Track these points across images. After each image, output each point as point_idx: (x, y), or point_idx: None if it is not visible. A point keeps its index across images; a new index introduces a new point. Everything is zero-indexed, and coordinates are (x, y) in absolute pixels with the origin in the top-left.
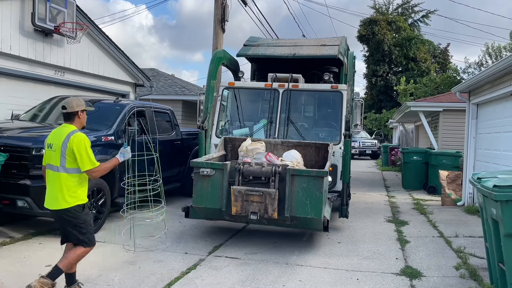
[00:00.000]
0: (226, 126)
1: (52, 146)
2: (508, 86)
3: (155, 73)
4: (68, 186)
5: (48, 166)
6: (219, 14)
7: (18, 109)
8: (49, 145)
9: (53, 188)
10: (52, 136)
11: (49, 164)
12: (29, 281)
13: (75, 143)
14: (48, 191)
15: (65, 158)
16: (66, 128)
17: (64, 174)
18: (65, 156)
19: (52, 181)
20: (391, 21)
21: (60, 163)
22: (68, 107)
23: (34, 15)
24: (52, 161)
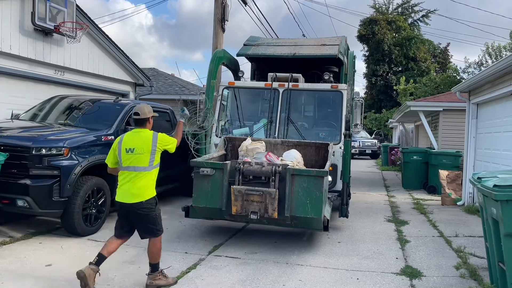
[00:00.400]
0: (226, 126)
1: (134, 150)
2: (508, 86)
3: (155, 72)
4: (152, 182)
5: (130, 168)
6: (219, 13)
7: (18, 109)
8: (130, 150)
9: (134, 187)
10: (131, 141)
11: (131, 166)
12: (30, 281)
13: (163, 141)
14: (126, 189)
15: (154, 158)
16: (144, 132)
17: (151, 172)
18: (154, 156)
19: (133, 180)
20: (391, 21)
21: (149, 163)
22: (141, 114)
23: (34, 14)
24: (136, 163)
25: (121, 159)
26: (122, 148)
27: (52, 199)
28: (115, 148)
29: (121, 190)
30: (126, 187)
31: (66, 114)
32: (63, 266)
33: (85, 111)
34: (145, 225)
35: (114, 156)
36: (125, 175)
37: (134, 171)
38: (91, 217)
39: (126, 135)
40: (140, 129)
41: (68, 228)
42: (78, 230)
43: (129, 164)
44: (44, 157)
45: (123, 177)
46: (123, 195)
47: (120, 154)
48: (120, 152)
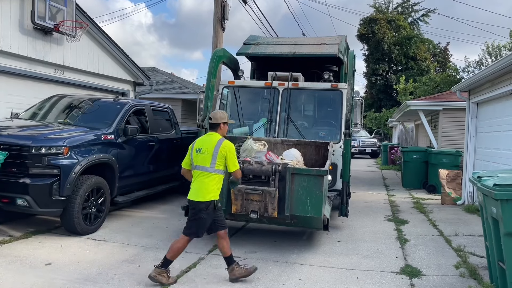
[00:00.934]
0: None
1: (201, 150)
2: (508, 85)
3: (154, 71)
4: (212, 186)
5: (198, 167)
6: (219, 12)
7: (17, 108)
8: (198, 150)
9: (198, 186)
10: (201, 142)
11: (198, 165)
12: (29, 280)
13: (226, 149)
14: (195, 188)
15: (215, 161)
16: (214, 136)
17: (213, 175)
18: (215, 159)
19: (198, 179)
20: (391, 20)
21: (210, 165)
22: (213, 119)
23: (33, 13)
24: (201, 162)
25: (192, 159)
26: (194, 148)
27: (51, 198)
28: (190, 149)
29: (191, 188)
30: (194, 185)
31: (66, 113)
32: (62, 265)
33: (84, 110)
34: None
35: (188, 157)
36: (196, 174)
37: (200, 170)
38: (90, 216)
39: (199, 137)
40: (211, 132)
41: (68, 227)
42: (77, 229)
43: (196, 163)
44: (44, 156)
45: (194, 176)
46: (191, 193)
47: (192, 154)
48: (192, 152)
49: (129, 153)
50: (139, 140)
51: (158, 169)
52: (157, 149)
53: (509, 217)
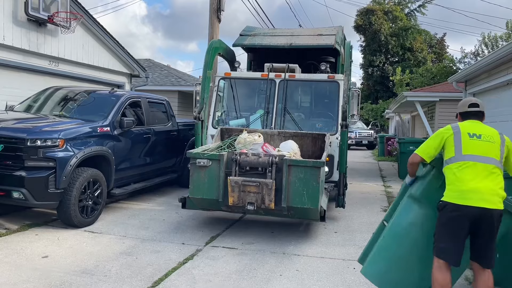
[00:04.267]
0: (223, 117)
1: (481, 136)
2: (504, 75)
3: (150, 63)
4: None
5: (479, 158)
6: (214, 3)
7: (12, 100)
8: (475, 135)
9: (487, 184)
10: (474, 128)
11: (481, 156)
12: (26, 273)
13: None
14: (476, 187)
15: (503, 154)
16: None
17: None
18: (503, 153)
19: (485, 176)
20: (387, 11)
21: (499, 158)
22: (480, 106)
23: (27, 4)
24: (488, 152)
25: (462, 146)
26: (463, 133)
27: (48, 191)
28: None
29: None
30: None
31: (61, 106)
32: (59, 258)
33: (80, 103)
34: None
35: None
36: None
37: (488, 163)
38: (87, 208)
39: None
40: (478, 121)
41: (65, 219)
42: (74, 222)
43: (478, 152)
44: (39, 149)
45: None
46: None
47: (461, 140)
48: (461, 138)
49: (125, 145)
50: (135, 132)
51: (154, 161)
52: (154, 141)
53: None
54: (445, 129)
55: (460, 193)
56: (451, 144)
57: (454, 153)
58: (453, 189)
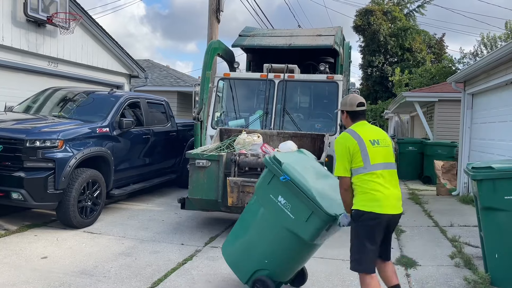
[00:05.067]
0: (222, 117)
1: (379, 141)
2: (503, 75)
3: (149, 64)
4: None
5: (382, 166)
6: (214, 4)
7: (11, 101)
8: (375, 141)
9: (393, 191)
10: (371, 133)
11: (382, 162)
12: (25, 273)
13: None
14: (386, 194)
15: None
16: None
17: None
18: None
19: (390, 181)
20: (386, 11)
21: (394, 160)
22: (365, 104)
23: (26, 5)
24: (387, 158)
25: (368, 155)
26: (365, 140)
27: (47, 192)
28: (354, 146)
29: (387, 197)
30: (391, 191)
31: (60, 106)
32: (59, 258)
33: (79, 103)
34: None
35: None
36: (385, 175)
37: (390, 168)
38: (86, 209)
39: (359, 128)
40: (365, 121)
41: (64, 220)
42: (73, 222)
43: (379, 159)
44: (38, 150)
45: (382, 178)
46: (389, 204)
47: (365, 149)
48: (365, 146)
49: (124, 146)
50: (134, 133)
51: (154, 162)
52: (153, 142)
53: (483, 194)
54: (346, 139)
55: (377, 202)
56: (358, 154)
57: (362, 163)
58: (368, 198)
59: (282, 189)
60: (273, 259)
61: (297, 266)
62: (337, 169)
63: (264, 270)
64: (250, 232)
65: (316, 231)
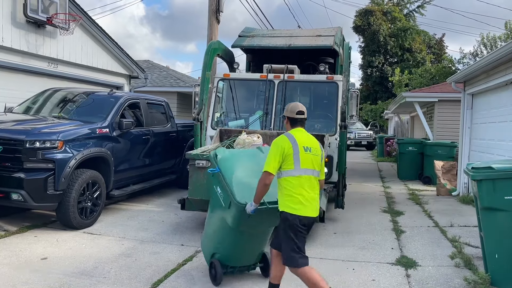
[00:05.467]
0: (222, 118)
1: (311, 149)
2: (503, 75)
3: (149, 64)
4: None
5: (310, 172)
6: (213, 4)
7: (11, 102)
8: (308, 148)
9: (315, 194)
10: (306, 140)
11: (310, 169)
12: (25, 274)
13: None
14: (310, 198)
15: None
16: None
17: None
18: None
19: (314, 187)
20: (386, 12)
21: (320, 168)
22: (305, 112)
23: (26, 6)
24: (313, 165)
25: (300, 159)
26: (300, 146)
27: (47, 192)
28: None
29: (305, 200)
30: (311, 195)
31: (60, 107)
32: (58, 259)
33: (79, 104)
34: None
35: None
36: (308, 181)
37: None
38: (86, 210)
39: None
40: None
41: (64, 221)
42: (73, 223)
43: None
44: (38, 150)
45: (304, 183)
46: (308, 208)
47: (298, 153)
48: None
49: (124, 146)
50: (134, 134)
51: (153, 163)
52: (153, 143)
53: (483, 194)
54: (283, 141)
55: (301, 205)
56: (290, 156)
57: (293, 166)
58: (295, 201)
59: (218, 180)
60: (221, 244)
61: (243, 252)
62: (267, 165)
63: (217, 254)
64: (208, 219)
65: (235, 218)
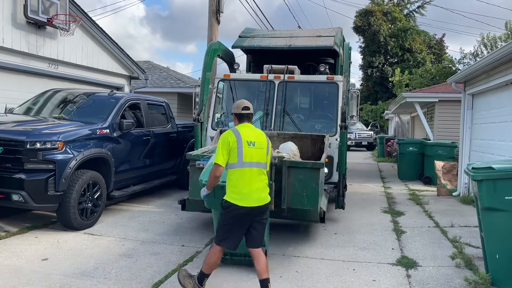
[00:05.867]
0: (222, 118)
1: (255, 143)
2: (503, 76)
3: (149, 65)
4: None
5: (254, 164)
6: (214, 5)
7: (11, 103)
8: (251, 143)
9: (260, 184)
10: (251, 134)
11: (254, 162)
12: (26, 275)
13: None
14: (252, 189)
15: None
16: (257, 128)
17: (266, 170)
18: (268, 155)
19: (258, 178)
20: (386, 12)
21: (266, 160)
22: (251, 108)
23: (26, 7)
24: (257, 158)
25: (243, 153)
26: (244, 141)
27: (47, 193)
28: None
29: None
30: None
31: (61, 108)
32: (59, 260)
33: (79, 105)
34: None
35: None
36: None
37: (257, 167)
38: (87, 211)
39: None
40: (249, 124)
41: (64, 222)
42: (74, 224)
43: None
44: (39, 151)
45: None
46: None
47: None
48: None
49: (124, 147)
50: (134, 134)
51: (154, 163)
52: (153, 143)
53: (483, 194)
54: (229, 135)
55: (242, 196)
56: (234, 150)
57: (236, 159)
58: (236, 191)
59: None
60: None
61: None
62: (216, 158)
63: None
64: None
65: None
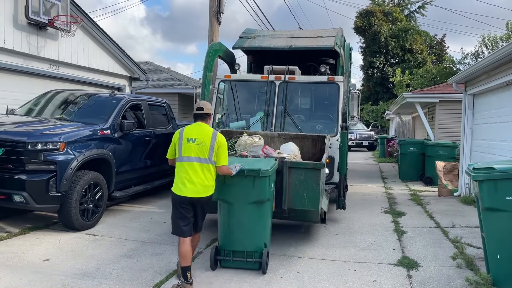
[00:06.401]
0: (223, 119)
1: (195, 140)
2: (504, 76)
3: (150, 66)
4: (213, 176)
5: (192, 159)
6: (214, 6)
7: (13, 104)
8: (191, 139)
9: (198, 178)
10: (193, 132)
11: (193, 156)
12: (27, 276)
13: (221, 142)
14: (189, 181)
15: (213, 152)
16: (206, 126)
17: (211, 165)
18: (213, 150)
19: (196, 172)
20: (387, 12)
21: (208, 156)
22: (205, 109)
23: (27, 8)
24: (196, 154)
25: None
26: (185, 137)
27: (48, 194)
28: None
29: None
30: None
31: (62, 109)
32: (60, 261)
33: (80, 106)
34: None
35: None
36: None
37: (196, 161)
38: (88, 211)
39: (189, 126)
40: (201, 122)
41: (66, 222)
42: (75, 225)
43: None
44: (40, 152)
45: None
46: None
47: (181, 144)
48: (181, 142)
49: (126, 148)
50: (135, 135)
51: (155, 164)
52: (154, 144)
53: (484, 195)
54: (176, 133)
55: (180, 186)
56: (176, 146)
57: (178, 154)
58: (176, 182)
59: None
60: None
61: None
62: (168, 152)
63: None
64: None
65: None
